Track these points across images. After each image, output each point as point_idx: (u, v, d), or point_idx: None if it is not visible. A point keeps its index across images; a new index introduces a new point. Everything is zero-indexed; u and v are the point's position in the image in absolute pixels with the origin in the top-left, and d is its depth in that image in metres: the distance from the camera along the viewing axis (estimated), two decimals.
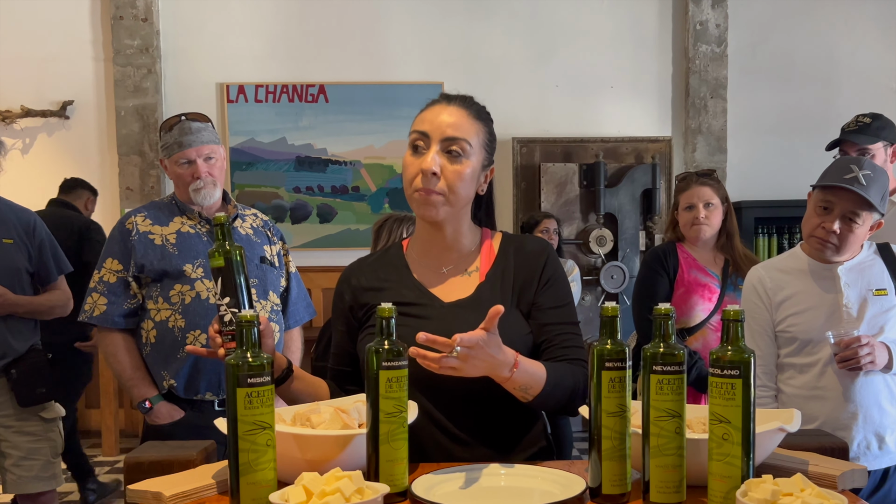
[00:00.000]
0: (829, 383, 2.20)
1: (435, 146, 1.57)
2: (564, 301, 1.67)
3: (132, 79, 5.63)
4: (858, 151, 2.85)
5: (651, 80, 5.95)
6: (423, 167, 1.56)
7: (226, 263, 1.49)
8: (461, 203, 1.61)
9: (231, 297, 1.48)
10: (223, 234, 1.52)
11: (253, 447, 1.15)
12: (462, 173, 1.57)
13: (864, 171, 2.12)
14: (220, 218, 1.51)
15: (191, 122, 2.56)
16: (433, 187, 1.56)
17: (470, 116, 1.60)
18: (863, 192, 2.11)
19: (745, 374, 1.19)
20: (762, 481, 1.12)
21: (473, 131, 1.60)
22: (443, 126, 1.57)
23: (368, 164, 5.80)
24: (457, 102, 1.62)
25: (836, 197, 2.16)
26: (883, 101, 5.74)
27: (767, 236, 5.78)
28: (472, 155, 1.59)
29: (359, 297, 1.67)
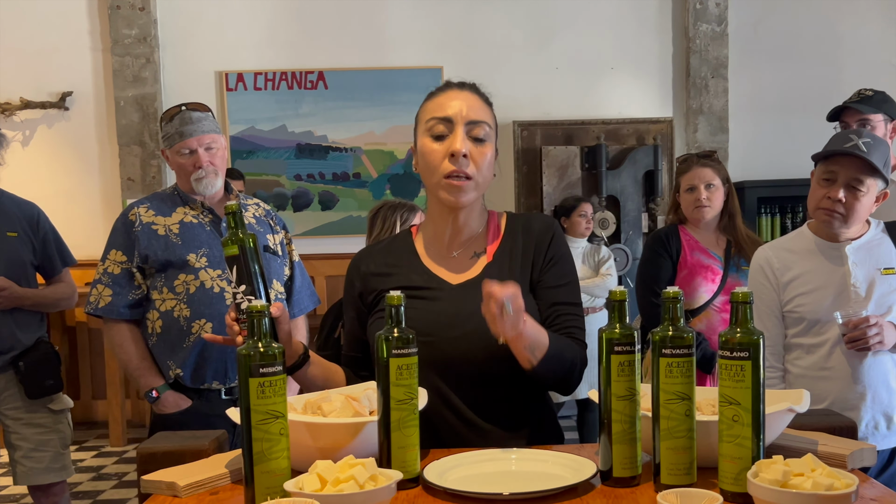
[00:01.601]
0: (836, 363, 2.20)
1: (460, 128, 1.57)
2: (567, 280, 1.68)
3: (131, 69, 5.62)
4: (859, 122, 2.86)
5: (651, 60, 5.93)
6: (455, 149, 1.56)
7: (240, 251, 1.49)
8: (484, 188, 1.63)
9: (247, 285, 1.49)
10: (235, 222, 1.52)
11: (266, 436, 1.16)
12: (487, 156, 1.60)
13: (864, 140, 2.13)
14: (232, 206, 1.51)
15: (191, 111, 2.57)
16: (465, 169, 1.57)
17: (481, 100, 1.63)
18: (865, 156, 2.11)
19: (755, 355, 1.20)
20: (773, 462, 1.13)
21: (490, 116, 1.63)
22: (465, 110, 1.58)
23: (369, 150, 5.79)
24: (468, 88, 1.64)
25: (839, 165, 2.16)
26: (885, 77, 5.72)
27: (771, 216, 5.78)
28: (491, 138, 1.62)
29: (368, 283, 1.68)
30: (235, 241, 1.49)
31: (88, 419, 5.79)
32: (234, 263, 1.49)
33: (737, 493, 1.19)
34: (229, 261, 1.50)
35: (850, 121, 2.89)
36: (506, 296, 1.36)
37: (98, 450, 5.25)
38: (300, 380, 1.60)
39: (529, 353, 1.49)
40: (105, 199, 5.74)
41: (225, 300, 2.52)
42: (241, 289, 1.48)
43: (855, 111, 2.88)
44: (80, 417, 5.71)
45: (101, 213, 5.68)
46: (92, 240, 5.18)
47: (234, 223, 1.51)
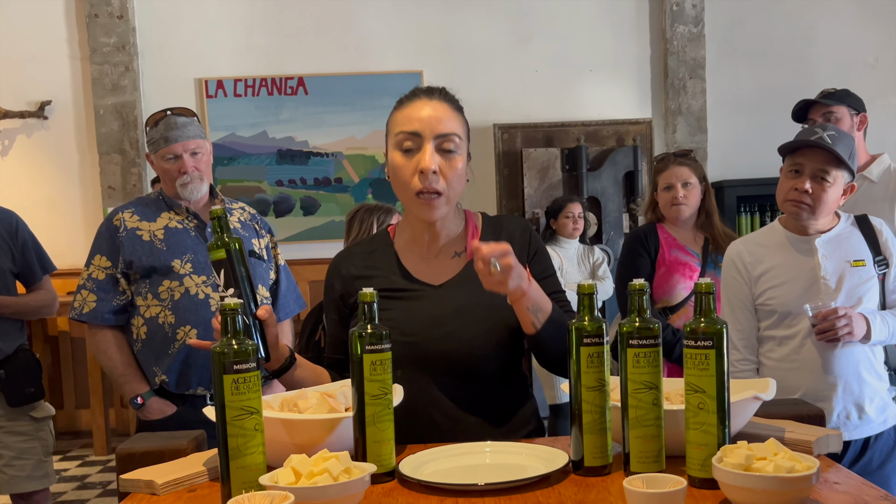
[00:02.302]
0: (808, 355, 2.24)
1: (429, 144, 1.56)
2: (550, 272, 1.72)
3: (110, 77, 5.62)
4: (824, 117, 2.91)
5: (630, 62, 5.98)
6: (423, 166, 1.55)
7: (227, 255, 1.50)
8: (457, 197, 1.64)
9: (235, 288, 1.50)
10: (221, 226, 1.52)
11: (241, 432, 1.18)
12: (458, 169, 1.59)
13: (828, 132, 2.18)
14: (217, 211, 1.52)
15: (176, 116, 2.57)
16: (436, 186, 1.56)
17: (452, 109, 1.61)
18: (830, 147, 2.15)
19: (719, 344, 1.23)
20: (737, 447, 1.17)
21: (460, 125, 1.61)
22: (433, 123, 1.56)
23: (350, 155, 5.81)
24: (437, 96, 1.61)
25: (805, 157, 2.21)
26: (860, 76, 5.80)
27: (750, 214, 5.83)
28: (461, 149, 1.61)
29: (349, 286, 1.70)
30: (221, 245, 1.50)
31: (72, 429, 5.77)
32: (221, 267, 1.50)
33: (704, 479, 1.23)
34: (216, 265, 1.51)
35: (815, 117, 2.94)
36: (492, 253, 1.39)
37: (82, 459, 5.23)
38: (287, 383, 1.61)
39: (533, 316, 1.51)
40: (86, 208, 5.72)
41: (210, 306, 2.53)
42: (229, 292, 1.49)
43: (820, 105, 2.94)
44: (64, 427, 5.69)
45: (83, 222, 5.66)
46: (73, 249, 5.18)
47: (220, 227, 1.52)
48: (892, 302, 2.31)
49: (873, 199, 2.93)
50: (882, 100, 5.79)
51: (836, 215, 2.34)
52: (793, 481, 1.09)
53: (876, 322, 2.20)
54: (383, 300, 1.63)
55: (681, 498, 1.05)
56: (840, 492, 1.22)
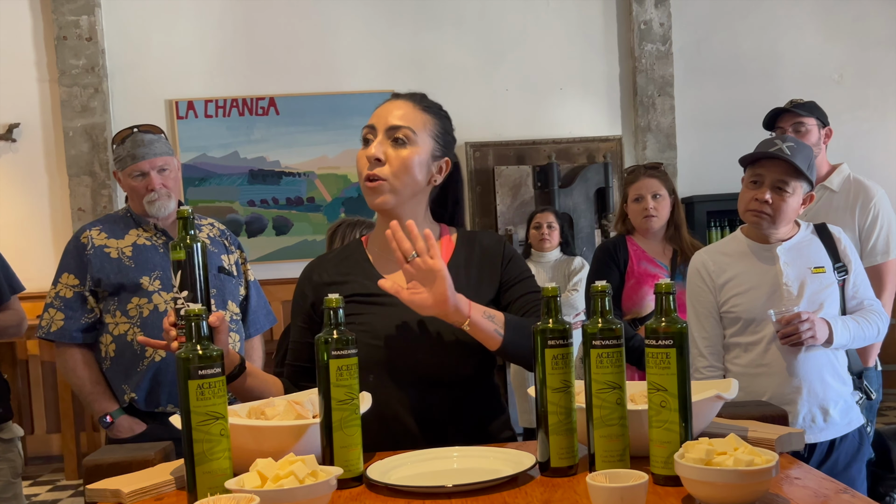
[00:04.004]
0: (773, 360, 2.28)
1: (381, 135, 1.65)
2: (527, 274, 1.75)
3: (79, 99, 5.60)
4: (794, 127, 2.97)
5: (599, 80, 6.06)
6: (367, 154, 1.64)
7: (186, 256, 1.49)
8: (408, 189, 1.66)
9: (189, 291, 1.49)
10: (185, 226, 1.51)
11: (207, 437, 1.18)
12: (406, 159, 1.64)
13: (787, 144, 2.23)
14: (184, 212, 1.51)
15: (143, 133, 2.57)
16: (377, 173, 1.63)
17: (416, 108, 1.68)
18: (789, 158, 2.20)
19: (679, 343, 1.25)
20: (698, 443, 1.19)
21: (419, 121, 1.67)
22: (387, 117, 1.66)
23: (322, 174, 5.82)
24: (405, 97, 1.71)
25: (764, 168, 2.27)
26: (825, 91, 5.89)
27: (720, 229, 5.90)
28: (417, 143, 1.66)
29: (320, 293, 1.69)
30: (183, 247, 1.49)
31: (43, 453, 5.68)
32: (180, 268, 1.48)
33: (668, 477, 1.24)
34: (175, 265, 1.49)
35: (785, 126, 3.00)
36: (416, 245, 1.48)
37: (53, 484, 5.16)
38: (237, 391, 1.61)
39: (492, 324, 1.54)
40: (56, 230, 5.68)
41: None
42: (183, 294, 1.48)
43: (791, 114, 3.00)
44: (35, 451, 5.62)
45: (52, 244, 5.62)
46: (43, 271, 5.11)
47: (185, 228, 1.51)
48: (851, 307, 2.36)
49: (834, 208, 2.99)
50: (848, 114, 5.90)
51: (797, 224, 2.39)
52: (752, 474, 1.11)
53: (837, 326, 2.25)
54: (356, 305, 1.65)
55: (642, 492, 1.07)
56: (801, 486, 1.24)
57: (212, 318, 1.47)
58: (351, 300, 1.65)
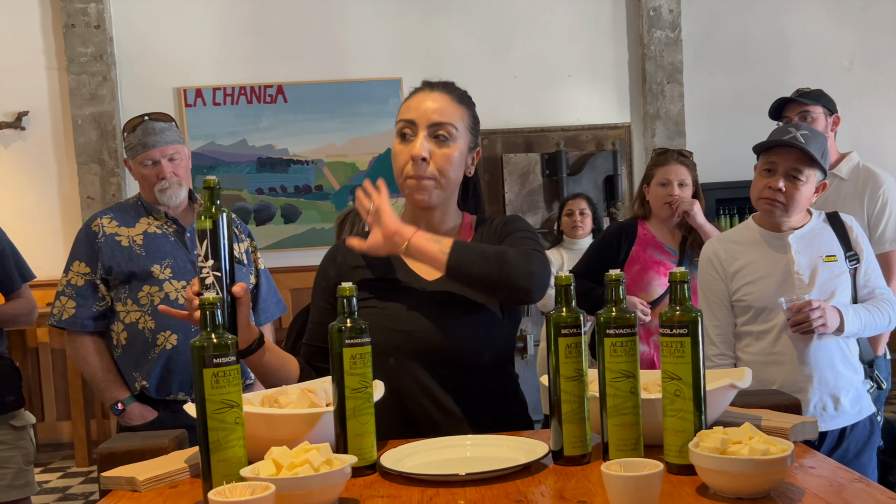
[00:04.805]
0: (784, 348, 2.27)
1: (422, 132, 1.63)
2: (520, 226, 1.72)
3: (87, 87, 5.60)
4: (800, 116, 2.96)
5: (608, 67, 6.03)
6: (413, 153, 1.62)
7: (213, 226, 1.48)
8: (451, 186, 1.68)
9: (215, 260, 1.49)
10: (212, 197, 1.50)
11: (222, 425, 1.19)
12: (451, 156, 1.64)
13: (802, 132, 2.22)
14: (211, 181, 1.50)
15: (154, 122, 2.58)
16: (424, 173, 1.63)
17: (453, 101, 1.67)
18: (803, 147, 2.19)
19: (693, 332, 1.25)
20: (713, 432, 1.18)
21: (458, 115, 1.67)
22: (428, 112, 1.64)
23: (330, 162, 5.82)
24: (439, 88, 1.69)
25: (778, 156, 2.25)
26: (835, 78, 5.87)
27: (729, 217, 5.89)
28: (458, 138, 1.66)
29: (344, 275, 1.70)
30: (209, 216, 1.48)
31: (54, 440, 5.72)
32: (206, 238, 1.48)
33: (682, 466, 1.24)
34: (200, 234, 1.48)
35: (791, 115, 2.99)
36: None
37: (64, 471, 5.19)
38: (253, 365, 1.61)
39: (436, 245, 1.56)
40: (65, 218, 5.69)
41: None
42: (209, 264, 1.48)
43: (797, 103, 2.98)
44: (46, 439, 5.65)
45: (62, 232, 5.64)
46: (53, 260, 5.14)
47: (210, 198, 1.50)
48: (863, 296, 2.35)
49: (843, 196, 2.98)
50: (857, 101, 5.86)
51: (808, 212, 2.38)
52: (768, 463, 1.10)
53: (849, 315, 2.24)
54: (379, 290, 1.66)
55: (657, 481, 1.07)
56: (815, 475, 1.24)
57: (235, 289, 1.49)
58: (373, 284, 1.67)
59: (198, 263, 1.49)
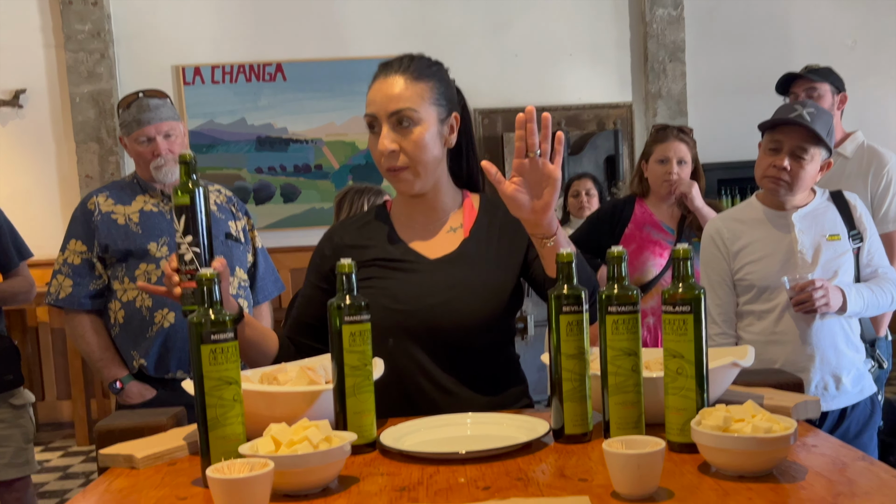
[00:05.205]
0: (786, 328, 2.27)
1: (385, 124, 1.60)
2: None
3: (85, 64, 5.56)
4: (807, 92, 2.94)
5: (609, 45, 5.99)
6: (380, 149, 1.60)
7: (190, 201, 1.47)
8: (431, 168, 1.63)
9: (193, 236, 1.47)
10: (188, 171, 1.49)
11: (220, 402, 1.18)
12: (419, 141, 1.60)
13: (808, 110, 2.20)
14: (186, 156, 1.49)
15: (149, 98, 2.56)
16: (397, 164, 1.60)
17: (410, 80, 1.60)
18: (809, 125, 2.17)
19: (696, 309, 1.24)
20: (715, 409, 1.17)
21: (417, 94, 1.60)
22: (385, 102, 1.59)
23: (330, 141, 5.79)
24: (394, 70, 1.62)
25: (783, 134, 2.24)
26: (838, 57, 5.81)
27: (731, 197, 5.87)
28: (423, 118, 1.60)
29: (341, 254, 1.64)
30: (186, 191, 1.47)
31: (54, 420, 5.74)
32: (183, 213, 1.47)
33: (683, 444, 1.23)
34: (178, 210, 1.47)
35: (798, 91, 2.97)
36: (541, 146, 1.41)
37: (65, 450, 5.21)
38: None
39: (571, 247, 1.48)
40: (63, 197, 5.68)
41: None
42: (187, 239, 1.47)
43: (805, 79, 2.96)
44: (46, 418, 5.67)
45: (60, 211, 5.62)
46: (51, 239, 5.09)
47: (187, 172, 1.49)
48: (866, 275, 2.34)
49: (847, 175, 2.97)
50: (860, 81, 5.82)
51: (812, 191, 2.37)
52: (771, 441, 1.10)
53: (851, 294, 2.23)
54: (377, 269, 1.65)
55: (659, 459, 1.06)
56: (818, 454, 1.23)
57: (215, 263, 1.47)
58: (372, 264, 1.65)
59: (175, 239, 1.48)
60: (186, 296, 1.47)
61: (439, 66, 1.69)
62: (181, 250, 1.47)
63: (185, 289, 1.47)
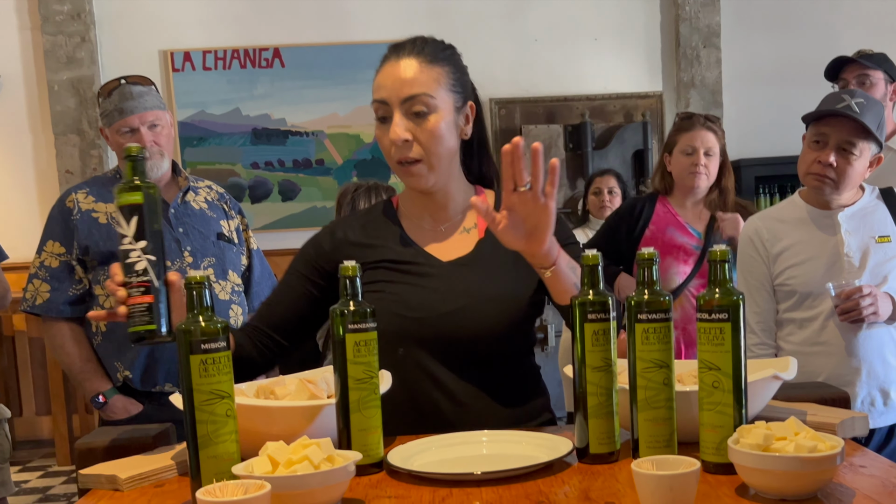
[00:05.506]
0: (830, 337, 2.26)
1: (397, 111, 1.58)
2: (571, 240, 1.72)
3: (64, 49, 5.59)
4: (858, 79, 2.92)
5: (638, 30, 5.98)
6: (392, 138, 1.58)
7: (144, 200, 1.38)
8: (445, 162, 1.63)
9: (149, 242, 1.38)
10: (135, 168, 1.41)
11: (212, 418, 1.18)
12: (434, 131, 1.59)
13: (856, 100, 2.19)
14: (134, 149, 1.41)
15: (132, 85, 2.56)
16: (410, 155, 1.59)
17: (425, 63, 1.60)
18: (857, 117, 2.16)
19: (735, 317, 1.23)
20: (755, 427, 1.17)
21: (433, 79, 1.60)
22: (397, 87, 1.57)
23: (332, 134, 5.80)
24: (407, 52, 1.61)
25: (830, 127, 2.22)
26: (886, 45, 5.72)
27: (769, 196, 5.84)
28: (439, 106, 1.60)
29: (344, 252, 1.65)
30: (138, 189, 1.38)
31: (33, 437, 5.75)
32: (134, 215, 1.37)
33: (719, 465, 1.23)
34: (127, 210, 1.38)
35: (849, 77, 2.96)
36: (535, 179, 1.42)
37: (44, 469, 5.23)
38: None
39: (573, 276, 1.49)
40: (42, 194, 5.70)
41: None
42: (140, 245, 1.37)
43: (857, 65, 2.96)
44: (24, 436, 5.69)
45: (38, 209, 5.64)
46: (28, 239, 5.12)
47: (134, 169, 1.41)
48: None
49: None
50: None
51: (861, 188, 2.36)
52: (815, 462, 1.09)
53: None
54: (385, 271, 1.64)
55: (693, 480, 1.06)
56: (866, 475, 1.22)
57: (172, 276, 1.42)
58: (379, 266, 1.64)
59: (122, 246, 1.39)
60: (137, 315, 1.38)
61: (453, 50, 1.68)
62: (130, 258, 1.38)
63: (135, 306, 1.38)
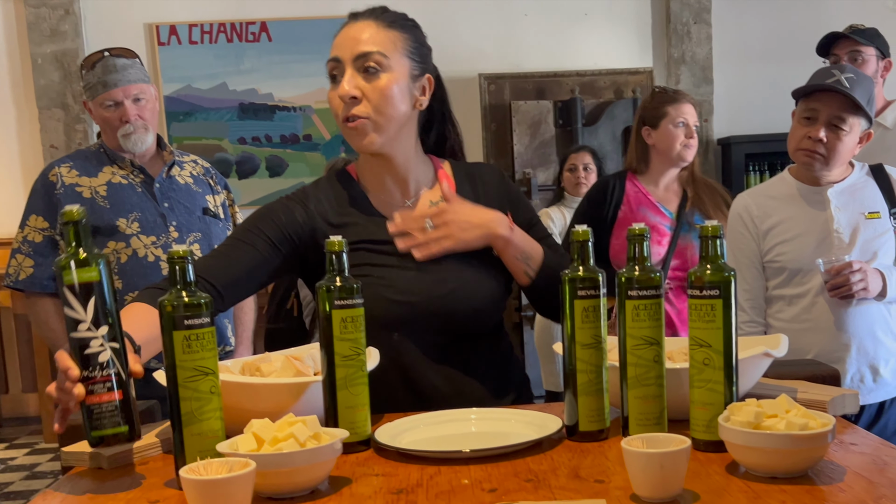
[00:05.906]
0: (820, 314, 2.27)
1: (349, 68, 1.57)
2: (536, 219, 1.76)
3: (48, 21, 5.52)
4: (850, 55, 2.92)
5: (629, 5, 5.95)
6: (340, 94, 1.57)
7: (100, 277, 1.19)
8: (394, 123, 1.60)
9: (110, 326, 1.20)
10: (78, 235, 1.20)
11: (196, 395, 1.16)
12: (384, 89, 1.57)
13: (846, 75, 2.18)
14: (74, 213, 1.20)
15: (115, 58, 2.54)
16: (355, 112, 1.57)
17: (381, 26, 1.59)
18: (847, 92, 2.15)
19: (726, 294, 1.22)
20: (745, 404, 1.16)
21: (388, 40, 1.59)
22: (351, 44, 1.57)
23: (320, 109, 5.76)
24: (365, 16, 1.61)
25: (820, 103, 2.22)
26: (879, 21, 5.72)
27: (759, 173, 5.84)
28: (392, 67, 1.58)
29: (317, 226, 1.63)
30: (88, 264, 1.19)
31: (20, 414, 5.74)
32: (92, 295, 1.18)
33: (709, 442, 1.22)
34: (82, 290, 1.18)
35: (841, 53, 2.95)
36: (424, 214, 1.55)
37: (31, 447, 5.23)
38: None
39: (524, 265, 1.62)
40: (25, 169, 5.65)
41: (161, 270, 2.50)
42: (101, 332, 1.19)
43: (849, 40, 2.95)
44: (11, 413, 5.68)
45: (22, 184, 5.59)
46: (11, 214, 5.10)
47: (77, 236, 1.20)
48: None
49: (887, 147, 2.96)
50: None
51: (850, 164, 2.36)
52: (807, 439, 1.08)
53: (892, 278, 2.24)
54: (366, 253, 1.62)
55: (684, 458, 1.05)
56: (857, 453, 1.22)
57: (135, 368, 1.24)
58: (359, 247, 1.61)
59: (75, 334, 1.18)
60: (105, 416, 1.19)
61: (415, 24, 1.68)
62: (91, 349, 1.18)
63: (101, 406, 1.19)
